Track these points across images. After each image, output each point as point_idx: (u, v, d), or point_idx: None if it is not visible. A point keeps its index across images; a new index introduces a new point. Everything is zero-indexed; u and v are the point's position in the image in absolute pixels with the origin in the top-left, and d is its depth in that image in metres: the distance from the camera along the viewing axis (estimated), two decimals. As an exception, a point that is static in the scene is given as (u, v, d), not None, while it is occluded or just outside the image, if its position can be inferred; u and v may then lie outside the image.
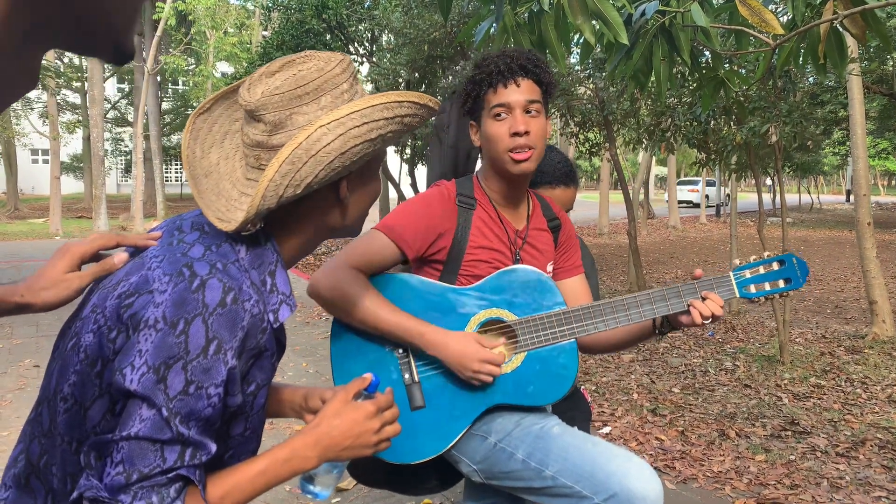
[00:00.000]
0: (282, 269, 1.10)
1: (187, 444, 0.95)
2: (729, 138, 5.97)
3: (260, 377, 1.08)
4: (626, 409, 4.52)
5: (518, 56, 1.70)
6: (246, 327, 0.99)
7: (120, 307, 0.98)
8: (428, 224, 1.68)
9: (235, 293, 0.98)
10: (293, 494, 3.22)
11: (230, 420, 1.06)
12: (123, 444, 0.92)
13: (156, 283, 0.98)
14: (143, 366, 0.93)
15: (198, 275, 0.98)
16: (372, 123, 1.05)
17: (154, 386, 0.93)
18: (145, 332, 0.94)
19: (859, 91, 6.36)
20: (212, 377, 0.96)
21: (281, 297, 1.09)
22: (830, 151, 21.66)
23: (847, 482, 3.38)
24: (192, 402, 0.95)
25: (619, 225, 21.40)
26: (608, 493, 1.47)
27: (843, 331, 6.85)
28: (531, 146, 1.68)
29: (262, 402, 1.11)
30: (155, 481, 0.93)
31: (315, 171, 1.02)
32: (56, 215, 18.08)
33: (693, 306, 1.66)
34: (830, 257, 14.02)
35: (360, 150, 1.05)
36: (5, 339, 6.30)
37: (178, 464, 0.94)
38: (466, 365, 1.58)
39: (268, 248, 1.09)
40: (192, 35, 21.72)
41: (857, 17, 1.81)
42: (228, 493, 1.02)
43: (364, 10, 12.88)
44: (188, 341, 0.94)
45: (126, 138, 31.01)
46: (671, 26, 1.96)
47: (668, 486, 3.38)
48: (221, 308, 0.96)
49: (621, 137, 9.06)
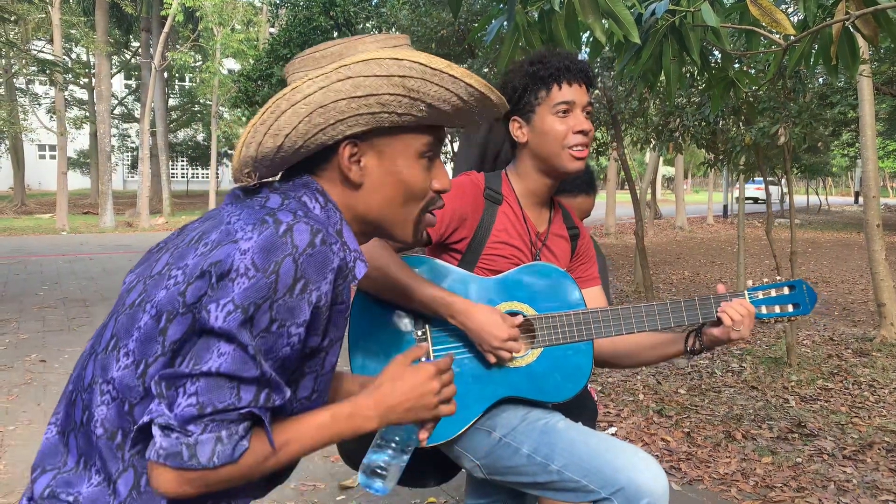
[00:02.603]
0: (347, 227, 1.10)
1: (264, 384, 0.95)
2: (738, 139, 5.94)
3: (334, 332, 1.07)
4: (631, 409, 4.50)
5: (578, 59, 1.72)
6: (336, 269, 0.99)
7: (203, 261, 0.97)
8: (455, 209, 1.68)
9: (324, 235, 0.98)
10: (298, 491, 3.22)
11: (299, 377, 1.06)
12: (201, 378, 0.92)
13: (239, 233, 0.97)
14: (230, 304, 0.92)
15: (282, 221, 0.97)
16: (358, 79, 1.00)
17: (240, 325, 0.92)
18: (237, 280, 0.93)
19: (869, 92, 6.32)
20: (295, 316, 0.95)
21: (354, 253, 1.08)
22: (839, 153, 21.57)
23: (854, 485, 3.36)
24: (273, 339, 0.95)
25: (626, 225, 21.36)
26: (615, 487, 1.46)
27: (851, 333, 6.82)
28: (588, 146, 1.71)
29: (334, 362, 1.11)
30: (226, 416, 0.93)
31: (293, 122, 1.01)
32: (62, 211, 18.15)
33: (724, 311, 1.67)
34: (838, 259, 13.96)
35: (345, 107, 1.01)
36: (11, 334, 6.32)
37: (252, 404, 0.94)
38: (487, 338, 1.57)
39: (330, 208, 1.09)
40: (199, 32, 21.76)
41: (869, 18, 1.79)
42: (290, 440, 1.02)
43: (371, 7, 12.88)
44: (278, 281, 0.93)
45: (133, 134, 31.12)
46: (681, 26, 1.95)
47: (673, 487, 3.36)
48: (311, 248, 0.96)
49: (629, 137, 9.03)
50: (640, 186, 14.82)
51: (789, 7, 5.37)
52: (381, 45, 1.07)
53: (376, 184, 1.10)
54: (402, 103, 1.03)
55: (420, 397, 1.10)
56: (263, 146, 1.04)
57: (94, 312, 7.36)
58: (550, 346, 1.68)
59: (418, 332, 1.66)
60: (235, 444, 0.94)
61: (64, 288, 8.85)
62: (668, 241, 18.04)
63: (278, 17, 13.67)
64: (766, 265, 12.39)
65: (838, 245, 17.00)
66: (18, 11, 17.01)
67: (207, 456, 0.92)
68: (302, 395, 1.08)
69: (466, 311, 1.58)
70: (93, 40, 19.06)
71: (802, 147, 6.28)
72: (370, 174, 1.09)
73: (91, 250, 13.37)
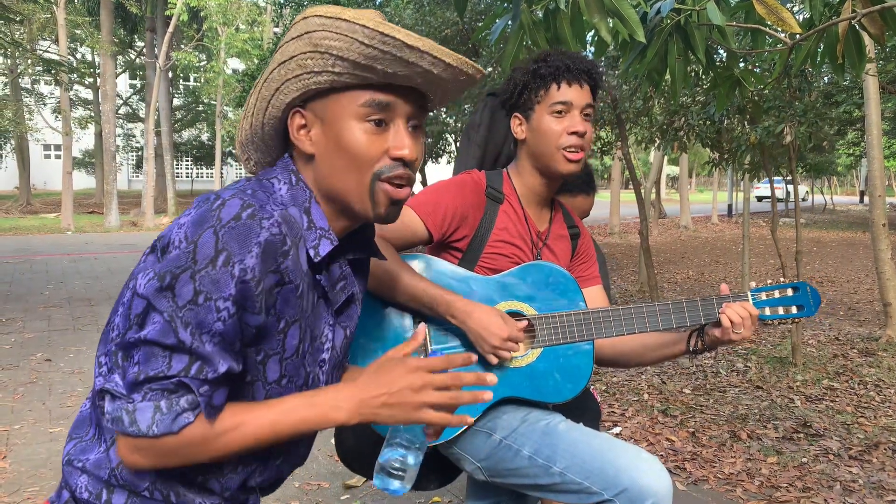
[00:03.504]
0: (316, 205, 1.09)
1: (194, 355, 0.95)
2: (743, 138, 5.92)
3: (288, 312, 1.04)
4: (636, 409, 4.49)
5: (583, 60, 1.70)
6: (262, 243, 0.96)
7: (158, 238, 1.01)
8: (457, 207, 1.68)
9: (254, 210, 0.97)
10: (303, 490, 3.22)
11: (264, 360, 1.05)
12: (141, 346, 0.95)
13: (186, 211, 1.00)
14: (152, 272, 0.95)
15: (220, 197, 0.98)
16: (283, 46, 1.04)
17: (158, 292, 0.94)
18: (171, 252, 0.95)
19: (875, 91, 6.30)
20: (220, 289, 0.94)
21: (320, 231, 1.08)
22: (844, 152, 21.49)
23: (860, 485, 3.35)
24: (203, 312, 0.94)
25: (630, 224, 21.33)
26: (618, 488, 1.45)
27: (857, 333, 6.80)
28: (584, 148, 1.68)
29: (295, 344, 1.07)
30: (162, 385, 0.95)
31: (253, 100, 1.09)
32: (67, 210, 18.19)
33: (724, 313, 1.65)
34: (844, 259, 13.91)
35: (276, 75, 1.06)
36: (17, 333, 6.34)
37: (182, 373, 0.95)
38: (487, 338, 1.56)
39: (299, 187, 1.09)
40: (203, 31, 21.79)
41: (875, 17, 1.78)
42: (246, 422, 1.00)
43: (375, 6, 12.87)
44: (196, 251, 0.94)
45: (137, 134, 31.16)
46: (686, 24, 1.94)
47: (678, 487, 3.36)
48: (235, 221, 0.95)
49: (633, 136, 9.02)
50: (644, 186, 14.80)
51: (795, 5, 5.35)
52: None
53: (324, 153, 1.07)
54: (316, 61, 1.01)
55: (396, 393, 1.02)
56: (244, 129, 1.12)
57: (99, 312, 7.37)
58: (550, 346, 1.67)
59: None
60: (177, 415, 0.95)
61: (69, 287, 8.87)
62: (673, 240, 18.01)
63: (282, 16, 13.66)
64: (771, 265, 12.36)
65: (844, 244, 16.95)
66: (24, 11, 17.05)
67: (147, 423, 0.94)
68: (271, 379, 1.06)
69: (466, 311, 1.57)
70: (98, 40, 19.10)
71: (808, 146, 6.26)
72: (318, 143, 1.08)
73: (96, 250, 13.40)
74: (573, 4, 1.86)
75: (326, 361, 1.16)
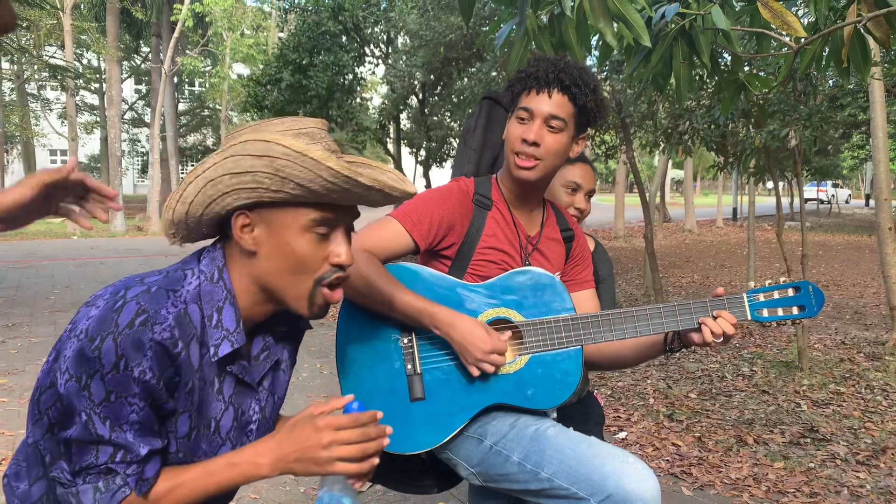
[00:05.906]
0: (230, 307, 1.16)
1: (116, 446, 1.07)
2: (748, 141, 5.91)
3: (180, 403, 1.14)
4: (642, 414, 4.48)
5: (563, 68, 1.67)
6: (153, 348, 1.06)
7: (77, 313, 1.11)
8: (443, 216, 1.68)
9: (147, 317, 1.06)
10: (307, 496, 3.22)
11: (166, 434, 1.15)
12: (72, 443, 1.08)
13: (99, 299, 1.10)
14: (67, 373, 1.06)
15: (124, 297, 1.08)
16: (237, 158, 1.08)
17: (77, 392, 1.05)
18: (72, 340, 1.06)
19: (881, 95, 6.28)
20: (127, 389, 1.05)
21: (224, 332, 1.15)
22: (849, 155, 21.44)
23: (868, 491, 3.33)
24: (117, 407, 1.06)
25: (635, 228, 21.30)
26: (604, 494, 1.44)
27: (863, 337, 6.77)
28: (537, 157, 1.67)
29: (186, 431, 1.16)
30: (98, 469, 1.09)
31: (194, 192, 1.12)
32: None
33: (704, 324, 1.63)
34: (849, 262, 13.87)
35: (228, 182, 1.10)
36: (23, 337, 6.36)
37: (108, 461, 1.08)
38: (471, 350, 1.56)
39: (219, 286, 1.16)
40: (208, 37, 21.87)
41: (881, 20, 1.78)
42: (176, 487, 1.13)
43: (380, 11, 12.90)
44: (101, 357, 1.04)
45: (143, 139, 31.29)
46: (691, 29, 1.94)
47: (685, 492, 3.35)
48: (129, 329, 1.04)
49: (638, 140, 9.01)
50: (649, 190, 14.77)
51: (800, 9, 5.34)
52: (287, 126, 1.13)
53: (267, 253, 1.15)
54: (273, 182, 1.08)
55: (307, 450, 1.13)
56: (177, 211, 1.14)
57: (105, 316, 7.38)
58: (538, 352, 1.66)
59: (405, 340, 1.65)
60: (114, 492, 1.09)
61: (75, 292, 8.90)
62: (678, 244, 17.98)
63: (287, 21, 13.70)
64: (777, 268, 12.32)
65: (849, 248, 16.90)
66: (30, 17, 17.14)
67: (90, 502, 1.08)
68: (171, 450, 1.16)
69: (449, 322, 1.57)
70: (103, 46, 19.18)
71: (813, 150, 6.24)
72: (262, 243, 1.16)
73: (102, 254, 13.45)
74: (578, 9, 1.87)
75: (254, 431, 1.27)
